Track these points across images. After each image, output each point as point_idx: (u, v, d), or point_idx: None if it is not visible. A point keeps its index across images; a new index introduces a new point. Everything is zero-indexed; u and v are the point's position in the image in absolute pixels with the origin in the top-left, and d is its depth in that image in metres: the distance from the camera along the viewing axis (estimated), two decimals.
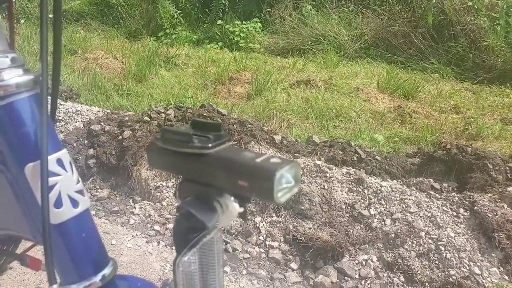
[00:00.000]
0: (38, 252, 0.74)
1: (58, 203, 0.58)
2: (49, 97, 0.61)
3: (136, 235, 2.18)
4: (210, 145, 0.53)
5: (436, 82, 3.80)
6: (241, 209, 0.55)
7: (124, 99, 3.31)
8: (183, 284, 0.52)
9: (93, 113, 2.86)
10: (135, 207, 2.37)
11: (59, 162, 0.59)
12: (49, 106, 0.63)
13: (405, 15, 4.59)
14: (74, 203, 0.59)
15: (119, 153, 2.45)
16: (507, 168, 2.18)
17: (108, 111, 2.94)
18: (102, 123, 2.54)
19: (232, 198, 0.55)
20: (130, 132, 2.45)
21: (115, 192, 2.45)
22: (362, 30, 4.69)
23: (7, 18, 0.65)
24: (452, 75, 3.95)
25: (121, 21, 5.85)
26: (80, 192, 0.61)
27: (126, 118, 2.57)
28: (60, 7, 0.61)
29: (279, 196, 0.49)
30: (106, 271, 0.63)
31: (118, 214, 2.31)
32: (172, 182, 2.44)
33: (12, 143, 0.57)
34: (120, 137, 2.47)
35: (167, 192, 2.42)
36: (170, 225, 2.24)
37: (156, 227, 2.24)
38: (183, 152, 0.53)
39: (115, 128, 2.51)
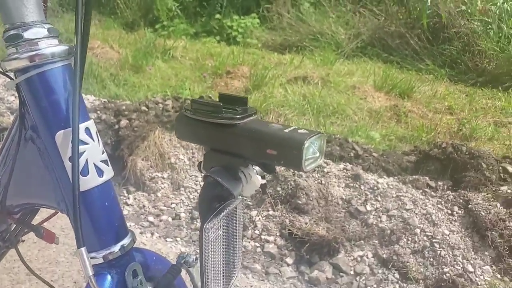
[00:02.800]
0: (50, 226, 0.74)
1: (85, 171, 0.59)
2: None
3: (130, 226, 2.16)
4: (238, 116, 0.55)
5: (431, 83, 3.83)
6: (263, 181, 0.57)
7: (121, 89, 3.27)
8: (209, 249, 0.54)
9: (89, 101, 2.83)
10: (129, 198, 2.35)
11: (87, 131, 0.60)
12: None
13: (401, 16, 4.61)
14: (99, 172, 0.61)
15: (115, 143, 2.43)
16: (500, 168, 2.21)
17: (105, 100, 2.91)
18: (98, 112, 2.52)
19: (255, 170, 0.57)
20: (127, 121, 2.44)
21: None
22: (359, 30, 4.70)
23: None
24: (446, 77, 3.99)
25: (118, 11, 5.78)
26: (105, 162, 0.62)
27: (123, 108, 2.55)
28: None
29: (306, 165, 0.52)
30: (125, 241, 0.64)
31: None
32: (168, 173, 2.43)
33: (44, 110, 0.58)
34: (117, 126, 2.45)
35: (162, 183, 2.40)
36: (164, 217, 2.23)
37: (150, 218, 2.22)
38: (213, 122, 0.55)
39: (112, 117, 2.49)
